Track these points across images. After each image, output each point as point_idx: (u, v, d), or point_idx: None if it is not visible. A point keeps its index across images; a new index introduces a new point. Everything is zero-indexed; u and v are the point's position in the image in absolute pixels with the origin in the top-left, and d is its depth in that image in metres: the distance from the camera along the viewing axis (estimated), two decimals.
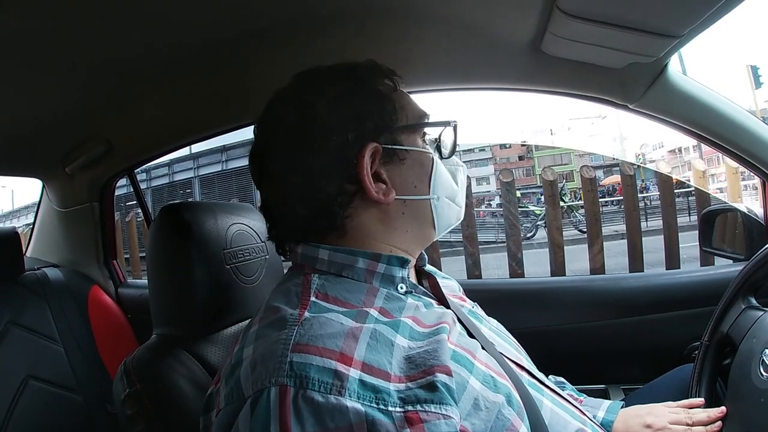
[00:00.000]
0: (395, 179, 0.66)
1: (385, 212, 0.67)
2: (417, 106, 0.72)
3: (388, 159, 0.66)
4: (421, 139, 0.71)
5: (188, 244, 0.83)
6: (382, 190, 0.65)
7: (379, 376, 0.49)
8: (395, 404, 0.47)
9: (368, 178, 0.63)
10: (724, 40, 52.60)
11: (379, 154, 0.65)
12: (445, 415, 0.48)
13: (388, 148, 0.66)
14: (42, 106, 1.16)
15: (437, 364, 0.52)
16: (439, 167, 0.71)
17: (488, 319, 0.84)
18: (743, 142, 1.11)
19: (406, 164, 0.67)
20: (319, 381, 0.46)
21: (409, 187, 0.68)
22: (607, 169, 21.87)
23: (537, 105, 46.23)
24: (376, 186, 0.65)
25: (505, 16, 0.92)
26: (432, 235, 0.73)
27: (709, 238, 1.34)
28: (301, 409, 0.45)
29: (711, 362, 0.92)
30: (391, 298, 0.64)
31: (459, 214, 0.76)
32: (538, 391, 0.68)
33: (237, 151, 14.95)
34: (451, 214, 0.74)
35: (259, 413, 0.46)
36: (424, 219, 0.70)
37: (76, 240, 1.78)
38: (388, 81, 0.70)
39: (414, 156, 0.69)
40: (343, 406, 0.45)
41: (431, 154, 0.71)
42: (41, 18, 0.77)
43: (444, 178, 0.72)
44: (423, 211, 0.70)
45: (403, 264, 0.67)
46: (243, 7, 0.86)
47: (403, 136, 0.68)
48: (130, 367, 0.79)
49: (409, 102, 0.72)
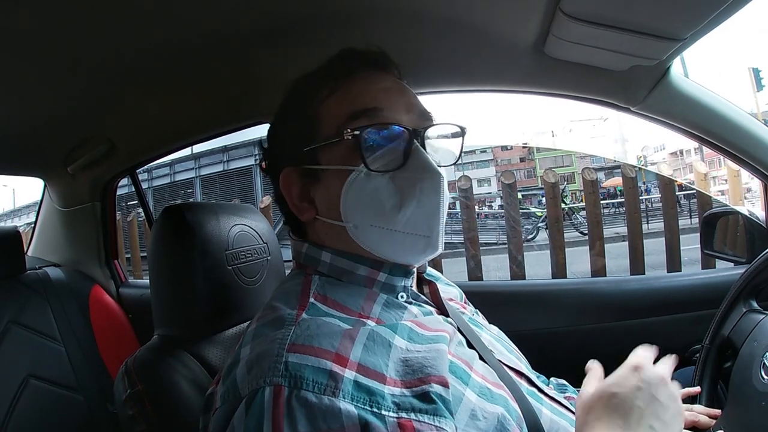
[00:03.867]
0: (318, 199, 0.67)
1: (315, 229, 0.69)
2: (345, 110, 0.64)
3: (309, 179, 0.67)
4: (351, 152, 0.62)
5: (190, 244, 0.83)
6: (303, 209, 0.67)
7: (374, 378, 0.49)
8: (389, 408, 0.47)
9: (288, 199, 0.68)
10: (726, 43, 52.60)
11: (301, 175, 0.67)
12: (438, 427, 0.48)
13: (306, 169, 0.66)
14: (44, 106, 1.16)
15: (434, 374, 0.52)
16: (356, 187, 0.62)
17: (489, 326, 0.84)
18: (745, 145, 1.10)
19: (321, 184, 0.66)
20: (313, 381, 0.46)
21: (324, 209, 0.66)
22: (608, 171, 21.83)
23: (539, 107, 46.26)
24: (300, 205, 0.68)
25: (507, 18, 0.92)
26: (385, 260, 0.65)
27: (711, 240, 1.34)
28: (293, 409, 0.45)
29: (712, 365, 0.92)
30: (391, 305, 0.64)
31: (417, 242, 0.63)
32: (537, 400, 0.68)
33: (238, 151, 14.94)
34: (394, 242, 0.63)
35: (253, 413, 0.46)
36: (352, 244, 0.64)
37: (77, 239, 1.79)
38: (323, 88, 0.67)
39: (329, 174, 0.64)
40: (336, 408, 0.45)
41: (350, 170, 0.62)
42: (43, 16, 0.77)
43: (365, 199, 0.62)
44: (345, 235, 0.64)
45: (406, 274, 0.67)
46: (245, 7, 0.86)
47: (323, 153, 0.65)
48: (132, 367, 0.79)
49: (333, 107, 0.65)
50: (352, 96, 0.65)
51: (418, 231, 0.62)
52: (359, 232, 0.63)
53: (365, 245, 0.64)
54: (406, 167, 0.62)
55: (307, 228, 0.70)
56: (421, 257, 0.67)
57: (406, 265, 0.68)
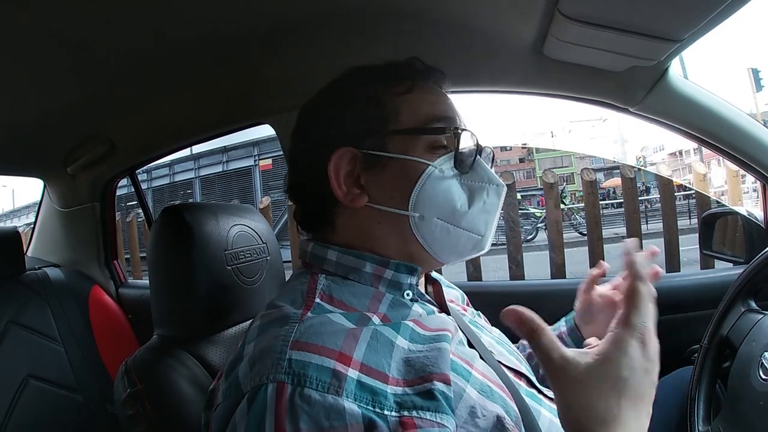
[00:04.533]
0: (372, 186, 0.65)
1: (359, 217, 0.67)
2: (426, 111, 0.67)
3: (368, 165, 0.65)
4: (424, 147, 0.65)
5: (189, 245, 0.83)
6: (353, 195, 0.65)
7: (377, 377, 0.49)
8: (391, 408, 0.47)
9: (335, 180, 0.65)
10: (725, 43, 52.65)
11: (358, 158, 0.65)
12: (439, 423, 0.48)
13: (369, 154, 0.65)
14: (44, 106, 1.16)
15: (435, 372, 0.52)
16: (432, 181, 0.64)
17: (490, 329, 0.84)
18: (744, 146, 1.10)
19: (386, 172, 0.65)
20: (317, 380, 0.46)
21: (385, 196, 0.65)
22: (607, 172, 21.88)
23: (538, 107, 46.29)
24: (349, 190, 0.65)
25: (506, 19, 0.93)
26: (426, 256, 0.67)
27: (709, 241, 1.34)
28: (296, 406, 0.45)
29: (711, 365, 0.92)
30: (396, 305, 0.63)
31: (471, 241, 0.67)
32: (536, 401, 0.68)
33: (238, 152, 14.95)
34: (451, 239, 0.66)
35: (256, 410, 0.46)
36: (405, 235, 0.65)
37: (77, 240, 1.79)
38: (398, 84, 0.68)
39: (398, 164, 0.65)
40: (340, 406, 0.45)
41: (426, 164, 0.64)
42: (43, 16, 0.77)
43: (439, 195, 0.65)
44: (401, 226, 0.65)
45: (412, 272, 0.67)
46: (245, 7, 0.86)
47: (393, 143, 0.65)
48: (131, 367, 0.79)
49: (412, 105, 0.67)
50: (432, 100, 0.69)
51: (476, 230, 0.67)
52: (423, 224, 0.65)
53: (422, 238, 0.65)
54: (476, 173, 0.67)
55: (339, 217, 0.68)
56: (466, 256, 0.70)
57: (413, 264, 0.67)
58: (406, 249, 0.66)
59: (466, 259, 0.71)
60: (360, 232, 0.67)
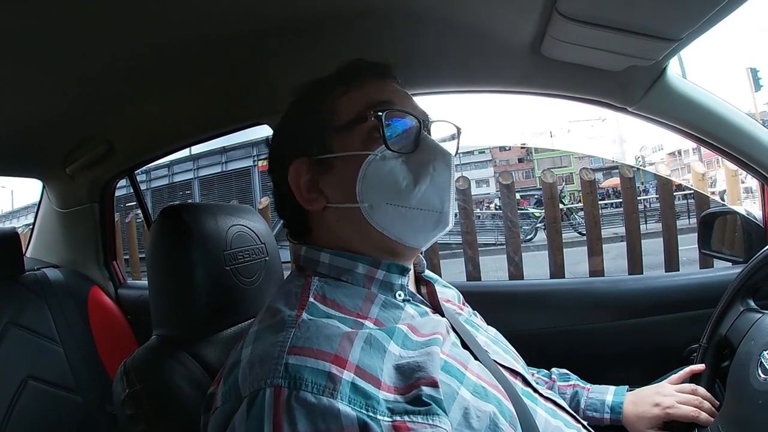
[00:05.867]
0: (327, 188, 0.68)
1: (325, 220, 0.69)
2: (360, 104, 0.68)
3: (321, 169, 0.68)
4: (362, 139, 0.66)
5: (188, 245, 0.83)
6: (311, 199, 0.68)
7: (370, 381, 0.50)
8: (384, 413, 0.48)
9: (297, 191, 0.68)
10: (723, 43, 52.71)
11: (313, 165, 0.68)
12: (432, 425, 0.49)
13: (317, 159, 0.68)
14: (43, 107, 1.16)
15: (423, 377, 0.53)
16: (373, 169, 0.65)
17: (487, 328, 0.85)
18: (742, 145, 1.11)
19: (335, 171, 0.68)
20: (312, 382, 0.47)
21: (337, 195, 0.68)
22: (606, 172, 21.87)
23: (537, 107, 46.24)
24: (309, 196, 0.68)
25: (505, 19, 0.93)
26: (392, 244, 0.67)
27: (708, 240, 1.34)
28: (293, 409, 0.46)
29: (710, 364, 0.92)
30: (388, 306, 0.64)
31: (429, 218, 0.67)
32: (532, 400, 0.69)
33: (237, 152, 14.95)
34: (407, 220, 0.66)
35: (254, 414, 0.47)
36: (364, 227, 0.66)
37: (76, 241, 1.79)
38: (339, 86, 0.71)
39: (342, 161, 0.67)
40: (335, 408, 0.46)
41: (365, 154, 0.65)
42: (41, 17, 0.77)
43: (382, 179, 0.65)
44: (357, 219, 0.66)
45: (403, 272, 0.68)
46: (244, 8, 0.86)
47: (335, 142, 0.68)
48: (130, 367, 0.79)
49: (348, 102, 0.69)
50: (367, 92, 0.70)
51: (431, 207, 0.66)
52: (374, 212, 0.65)
53: (379, 225, 0.66)
54: (419, 150, 0.67)
55: (312, 223, 0.71)
56: (431, 235, 0.69)
57: (404, 264, 0.69)
58: (370, 240, 0.68)
59: (435, 238, 0.70)
60: (329, 234, 0.70)
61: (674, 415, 0.84)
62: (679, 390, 0.88)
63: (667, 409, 0.85)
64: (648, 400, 0.88)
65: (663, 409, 0.85)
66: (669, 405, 0.85)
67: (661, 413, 0.85)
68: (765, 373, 0.75)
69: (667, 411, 0.84)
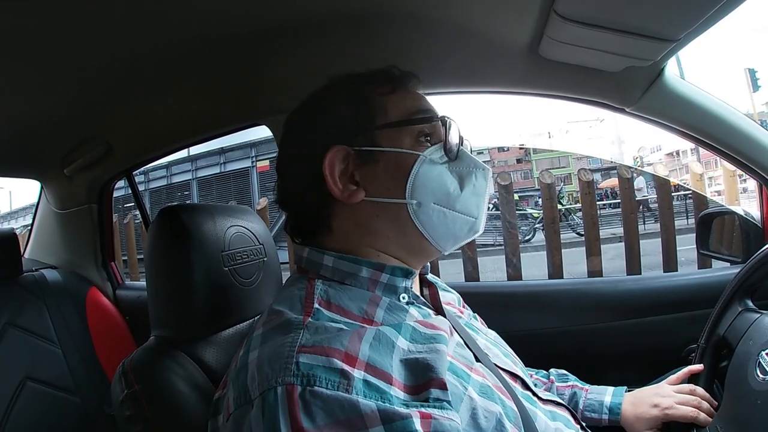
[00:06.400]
0: (367, 181, 0.67)
1: (358, 214, 0.68)
2: (410, 106, 0.70)
3: (362, 161, 0.67)
4: (412, 139, 0.68)
5: (186, 246, 0.83)
6: (350, 191, 0.66)
7: (382, 378, 0.50)
8: (401, 406, 0.49)
9: (331, 178, 0.66)
10: (722, 43, 52.82)
11: (350, 156, 0.67)
12: (449, 418, 0.50)
13: (360, 150, 0.67)
14: (41, 107, 1.16)
15: (433, 377, 0.53)
16: (425, 169, 0.67)
17: (486, 331, 0.85)
18: (740, 146, 1.11)
19: (380, 165, 0.67)
20: (326, 379, 0.48)
21: (381, 189, 0.67)
22: (604, 172, 21.87)
23: (535, 108, 46.33)
24: (345, 187, 0.66)
25: (503, 20, 0.93)
26: (425, 245, 0.69)
27: (707, 240, 1.34)
28: (309, 403, 0.46)
29: (708, 364, 0.92)
30: (393, 308, 0.64)
31: (466, 224, 0.69)
32: (531, 403, 0.69)
33: (235, 153, 14.91)
34: (448, 223, 0.68)
35: (269, 412, 0.47)
36: (403, 225, 0.67)
37: (74, 241, 1.79)
38: (380, 86, 0.71)
39: (390, 157, 0.67)
40: (353, 400, 0.47)
41: (417, 155, 0.67)
42: (40, 17, 0.77)
43: (433, 181, 0.67)
44: (400, 216, 0.67)
45: (407, 275, 0.68)
46: (244, 8, 0.86)
47: (383, 137, 0.67)
48: (129, 368, 0.78)
49: (397, 102, 0.70)
50: (413, 98, 0.73)
51: (470, 213, 0.69)
52: (420, 210, 0.66)
53: (421, 224, 0.67)
54: (462, 160, 0.70)
55: (334, 218, 0.69)
56: (462, 240, 0.71)
57: (409, 268, 0.68)
58: (406, 239, 0.68)
59: (463, 243, 0.72)
60: (359, 229, 0.68)
61: (673, 416, 0.84)
62: (678, 390, 0.88)
63: (665, 409, 0.85)
64: (646, 401, 0.88)
65: (662, 409, 0.85)
66: (668, 406, 0.85)
67: (659, 414, 0.85)
68: (763, 373, 0.75)
69: (665, 412, 0.85)
